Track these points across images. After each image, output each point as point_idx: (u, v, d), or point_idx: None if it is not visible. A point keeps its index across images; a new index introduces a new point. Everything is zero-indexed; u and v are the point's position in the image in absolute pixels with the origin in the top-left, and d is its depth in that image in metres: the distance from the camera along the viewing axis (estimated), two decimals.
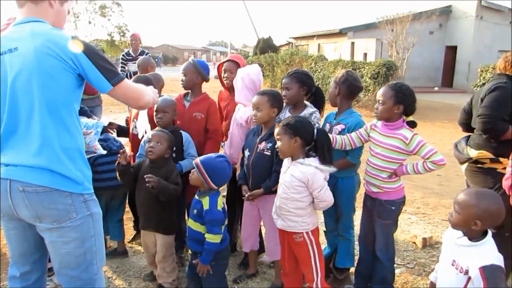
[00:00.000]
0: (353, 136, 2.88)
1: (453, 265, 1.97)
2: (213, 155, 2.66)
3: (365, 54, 19.12)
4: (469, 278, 1.88)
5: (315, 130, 2.56)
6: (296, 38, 28.15)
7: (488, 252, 1.89)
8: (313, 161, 2.53)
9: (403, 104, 2.66)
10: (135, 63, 7.07)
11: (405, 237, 4.16)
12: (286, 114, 3.22)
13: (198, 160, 2.63)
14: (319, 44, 24.68)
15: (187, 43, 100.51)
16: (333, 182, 3.04)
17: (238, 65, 3.57)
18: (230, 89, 3.62)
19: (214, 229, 2.54)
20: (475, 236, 1.93)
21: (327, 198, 2.53)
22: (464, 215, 1.92)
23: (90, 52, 1.87)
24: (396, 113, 2.69)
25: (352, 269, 3.20)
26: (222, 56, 49.62)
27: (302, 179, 2.50)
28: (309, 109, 3.15)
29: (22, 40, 1.80)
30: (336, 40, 22.67)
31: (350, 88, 3.00)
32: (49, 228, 1.87)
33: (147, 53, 7.47)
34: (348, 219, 3.10)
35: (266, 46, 27.44)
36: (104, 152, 2.99)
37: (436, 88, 20.21)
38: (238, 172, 3.21)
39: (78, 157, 1.91)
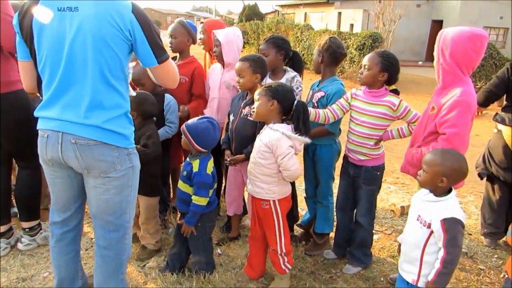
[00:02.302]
0: (335, 108, 2.88)
1: (418, 219, 2.09)
2: (197, 118, 2.63)
3: (352, 25, 18.98)
4: (431, 232, 2.00)
5: (296, 101, 2.54)
6: (282, 6, 27.68)
7: (451, 206, 2.01)
8: (282, 126, 2.49)
9: (387, 72, 2.69)
10: None
11: (384, 205, 4.27)
12: (267, 80, 3.21)
13: (183, 125, 2.61)
14: (305, 13, 24.35)
15: (171, 7, 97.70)
16: (313, 150, 3.10)
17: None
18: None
19: (201, 191, 2.55)
20: (441, 193, 2.06)
21: (290, 167, 2.47)
22: (431, 173, 2.03)
23: (146, 24, 1.92)
24: (380, 81, 2.72)
25: (332, 234, 3.28)
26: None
27: (268, 144, 2.48)
28: (290, 73, 3.15)
29: (84, 2, 1.83)
30: (323, 9, 22.38)
31: (333, 55, 2.99)
32: (95, 176, 2.00)
33: None
34: (326, 187, 3.15)
35: (251, 14, 26.93)
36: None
37: (420, 62, 20.32)
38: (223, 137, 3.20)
39: (125, 115, 2.03)
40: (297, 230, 3.52)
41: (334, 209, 3.19)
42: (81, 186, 2.12)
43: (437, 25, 21.49)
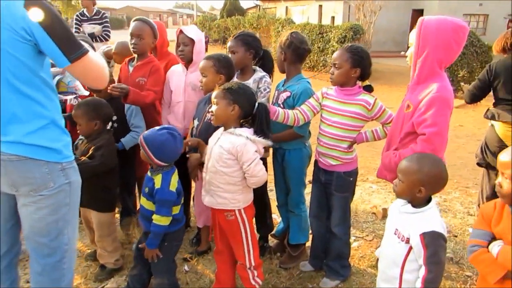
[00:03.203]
0: (304, 108, 2.65)
1: (395, 234, 1.91)
2: (156, 128, 2.37)
3: (333, 18, 18.81)
4: (411, 248, 1.82)
5: (257, 104, 2.32)
6: (263, 1, 27.38)
7: (430, 218, 1.83)
8: (244, 131, 2.30)
9: (360, 68, 2.47)
10: (90, 23, 6.53)
11: (365, 207, 4.05)
12: (234, 80, 2.97)
13: (141, 135, 2.36)
14: (286, 7, 24.11)
15: (153, 4, 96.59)
16: (281, 154, 2.88)
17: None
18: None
19: (163, 210, 2.30)
20: (420, 203, 1.87)
21: (257, 173, 2.29)
22: (407, 182, 1.85)
23: (48, 20, 1.61)
24: (353, 77, 2.50)
25: (309, 244, 3.05)
26: (189, 19, 47.98)
27: (231, 150, 2.27)
28: (259, 73, 2.92)
29: None
30: (304, 3, 22.15)
31: (296, 52, 2.75)
32: (25, 195, 1.80)
33: (103, 14, 6.87)
34: (297, 194, 2.92)
35: (233, 9, 26.62)
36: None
37: (402, 53, 20.06)
38: None
39: (52, 126, 1.79)
40: (272, 241, 3.29)
41: (308, 218, 2.95)
42: (13, 205, 1.89)
43: (418, 14, 21.35)
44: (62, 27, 1.66)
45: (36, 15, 1.58)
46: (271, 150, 2.97)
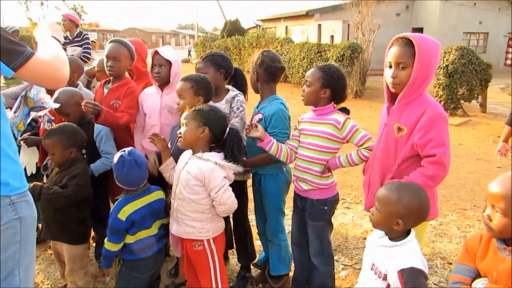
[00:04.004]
0: (292, 143, 2.53)
1: (372, 269, 1.77)
2: (122, 150, 2.27)
3: (332, 37, 18.81)
4: (388, 286, 1.68)
5: (228, 129, 2.22)
6: (263, 21, 27.59)
7: (409, 253, 1.68)
8: (213, 155, 2.17)
9: (329, 89, 2.34)
10: (72, 46, 6.50)
11: (356, 232, 3.85)
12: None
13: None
14: (286, 27, 24.23)
15: (156, 26, 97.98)
16: (258, 180, 2.73)
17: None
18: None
19: (109, 236, 2.19)
20: (397, 236, 1.73)
21: (226, 200, 2.15)
22: (384, 213, 1.71)
23: None
24: (322, 98, 2.36)
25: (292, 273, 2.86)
26: (191, 40, 48.48)
27: (199, 176, 2.13)
28: (231, 93, 2.80)
29: None
30: (303, 22, 22.25)
31: (268, 70, 2.63)
32: None
33: (85, 35, 6.82)
34: (275, 223, 2.75)
35: (233, 29, 26.78)
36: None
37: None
38: None
39: None
40: (255, 270, 3.09)
41: (290, 246, 2.77)
42: None
43: (418, 32, 21.46)
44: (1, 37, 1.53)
45: None
46: (250, 173, 2.82)
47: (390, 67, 2.01)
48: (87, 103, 2.64)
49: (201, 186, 2.15)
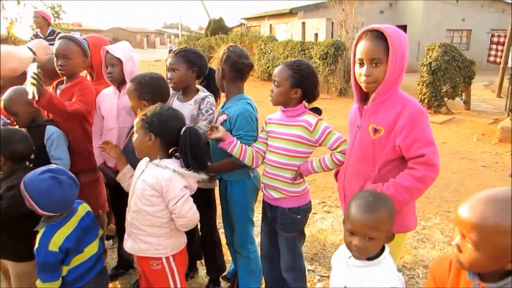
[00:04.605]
0: (259, 146, 2.31)
1: None
2: (38, 170, 1.93)
3: (316, 34, 18.68)
4: None
5: (183, 129, 1.96)
6: (248, 19, 27.35)
7: (386, 272, 1.52)
8: (171, 162, 1.95)
9: (301, 88, 2.12)
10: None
11: (335, 239, 3.64)
12: (174, 102, 2.62)
13: (22, 180, 1.92)
14: (270, 25, 24.05)
15: (141, 25, 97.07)
16: (224, 187, 2.50)
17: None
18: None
19: (41, 274, 1.86)
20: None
21: (186, 213, 1.93)
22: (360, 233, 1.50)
23: None
24: (293, 98, 2.14)
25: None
26: (176, 39, 47.96)
27: (155, 185, 1.91)
28: (201, 94, 2.57)
29: None
30: (287, 20, 22.09)
31: (234, 67, 2.40)
32: None
33: (57, 33, 6.52)
34: (242, 233, 2.53)
35: (217, 28, 26.50)
36: None
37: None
38: None
39: None
40: (225, 284, 2.87)
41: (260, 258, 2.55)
42: None
43: (401, 30, 21.49)
44: None
45: None
46: (217, 180, 2.60)
47: (361, 64, 1.80)
48: (34, 73, 2.27)
49: (158, 197, 1.93)
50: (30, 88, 2.39)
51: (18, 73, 1.96)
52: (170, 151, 2.05)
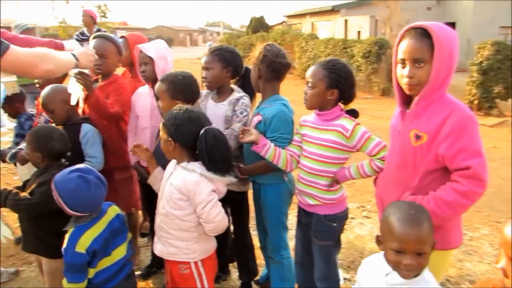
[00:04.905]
0: (293, 149, 2.22)
1: None
2: (68, 169, 1.93)
3: (359, 32, 18.26)
4: None
5: (202, 131, 1.88)
6: (289, 17, 27.18)
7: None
8: (199, 166, 1.89)
9: (337, 89, 2.00)
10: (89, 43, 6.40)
11: (373, 246, 3.47)
12: (208, 102, 2.56)
13: (53, 178, 1.93)
14: (312, 23, 23.76)
15: (184, 23, 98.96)
16: (257, 190, 2.43)
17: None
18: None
19: (69, 274, 1.85)
20: None
21: (214, 218, 1.87)
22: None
23: None
24: (329, 100, 2.02)
25: None
26: (218, 37, 48.50)
27: (182, 189, 1.86)
28: (236, 94, 2.49)
29: None
30: (329, 18, 21.73)
31: (271, 67, 2.31)
32: None
33: (104, 32, 6.69)
34: (276, 238, 2.44)
35: (258, 26, 26.54)
36: (10, 124, 2.31)
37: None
38: None
39: None
40: None
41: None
42: None
43: (450, 27, 20.61)
44: None
45: None
46: (251, 183, 2.53)
47: (404, 64, 1.65)
48: (80, 73, 2.37)
49: (186, 201, 1.88)
50: (74, 95, 2.44)
51: (54, 75, 2.07)
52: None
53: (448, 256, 1.81)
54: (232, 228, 2.74)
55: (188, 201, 1.88)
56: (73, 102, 2.46)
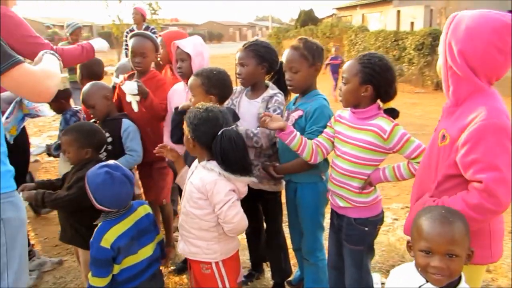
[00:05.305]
0: (321, 140, 2.12)
1: None
2: (99, 164, 1.97)
3: (412, 23, 17.47)
4: None
5: (219, 133, 1.83)
6: (339, 9, 26.58)
7: None
8: (217, 165, 1.85)
9: (371, 85, 1.87)
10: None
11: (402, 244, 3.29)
12: (242, 99, 2.52)
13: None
14: (363, 14, 23.07)
15: (234, 19, 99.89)
16: (293, 189, 2.35)
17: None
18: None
19: (94, 269, 1.88)
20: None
21: (232, 219, 1.83)
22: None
23: None
24: (363, 97, 1.90)
25: None
26: (267, 32, 48.50)
27: (201, 188, 1.84)
28: (269, 91, 2.43)
29: None
30: (380, 9, 21.01)
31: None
32: None
33: (152, 29, 6.87)
34: (312, 239, 2.36)
35: (307, 19, 26.13)
36: (51, 113, 2.41)
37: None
38: None
39: None
40: None
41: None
42: None
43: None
44: None
45: None
46: (283, 182, 2.47)
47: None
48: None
49: (205, 200, 1.86)
50: (134, 102, 2.59)
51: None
52: None
53: (482, 272, 1.66)
54: (265, 226, 2.70)
55: (207, 200, 1.85)
56: (135, 109, 2.61)
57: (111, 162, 2.01)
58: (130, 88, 2.52)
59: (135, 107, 2.59)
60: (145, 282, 2.00)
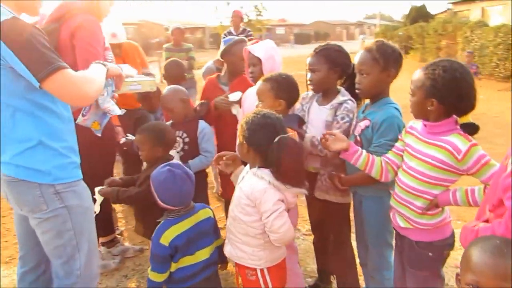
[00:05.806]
0: (391, 157, 1.97)
1: None
2: (162, 165, 2.06)
3: None
4: None
5: (277, 139, 1.79)
6: (455, 3, 24.38)
7: None
8: (268, 173, 1.82)
9: (436, 98, 1.67)
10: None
11: None
12: (313, 105, 2.47)
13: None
14: (482, 8, 20.85)
15: (342, 17, 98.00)
16: (359, 201, 2.24)
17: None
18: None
19: (153, 264, 1.98)
20: None
21: (278, 229, 1.79)
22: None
23: (16, 40, 1.60)
24: (431, 112, 1.72)
25: None
26: (375, 30, 46.66)
27: (250, 196, 1.82)
28: (339, 98, 2.34)
29: None
30: (504, 1, 18.75)
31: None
32: (29, 216, 1.87)
33: (249, 31, 7.09)
34: (377, 256, 2.21)
35: (418, 15, 24.53)
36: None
37: None
38: None
39: (41, 147, 1.77)
40: None
41: None
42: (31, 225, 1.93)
43: None
44: (32, 48, 1.59)
45: (6, 39, 1.57)
46: (351, 194, 2.36)
47: None
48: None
49: (253, 207, 1.85)
50: (238, 113, 2.78)
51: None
52: None
53: None
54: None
55: (255, 208, 1.84)
56: (237, 115, 2.79)
57: (174, 161, 2.15)
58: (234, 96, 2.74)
59: (237, 113, 2.76)
60: (199, 283, 2.05)
